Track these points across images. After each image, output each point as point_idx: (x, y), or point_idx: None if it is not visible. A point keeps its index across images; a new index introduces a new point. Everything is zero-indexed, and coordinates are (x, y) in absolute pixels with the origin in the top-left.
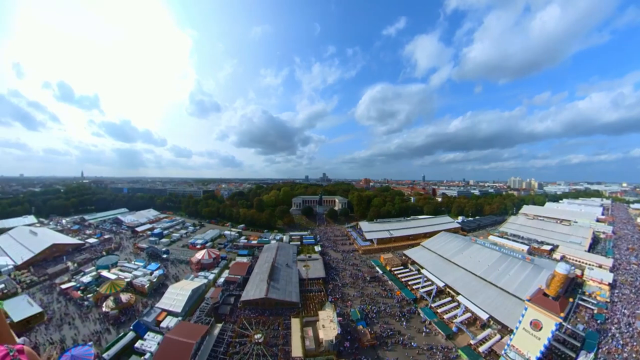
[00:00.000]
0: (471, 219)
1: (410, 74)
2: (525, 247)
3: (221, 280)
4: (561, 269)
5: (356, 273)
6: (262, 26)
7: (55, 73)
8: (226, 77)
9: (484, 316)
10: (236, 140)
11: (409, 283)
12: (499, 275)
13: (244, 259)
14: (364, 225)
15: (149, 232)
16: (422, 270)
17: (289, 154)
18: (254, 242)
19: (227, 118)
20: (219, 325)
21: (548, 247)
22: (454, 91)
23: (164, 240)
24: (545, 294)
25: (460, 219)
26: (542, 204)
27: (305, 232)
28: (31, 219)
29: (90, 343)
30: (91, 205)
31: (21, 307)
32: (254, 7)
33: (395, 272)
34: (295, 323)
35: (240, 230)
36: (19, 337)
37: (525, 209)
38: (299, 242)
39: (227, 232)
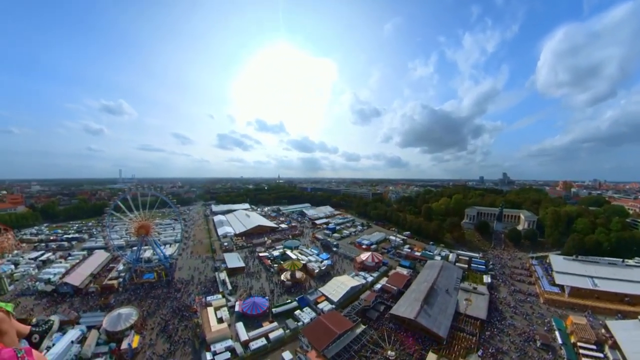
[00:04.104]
0: None
1: None
2: None
3: (378, 286)
4: None
5: (526, 328)
6: (391, 20)
7: (253, 114)
8: (377, 82)
9: None
10: (400, 140)
11: None
12: None
13: (404, 271)
14: (555, 260)
15: (324, 226)
16: None
17: (458, 150)
18: (418, 253)
19: (388, 120)
20: (363, 327)
21: None
22: None
23: (335, 234)
24: None
25: None
26: None
27: (476, 254)
28: (246, 205)
29: (267, 297)
30: (284, 199)
31: (234, 260)
32: (374, 8)
33: (582, 351)
34: (431, 358)
35: (405, 237)
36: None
37: None
38: (466, 265)
39: (392, 237)
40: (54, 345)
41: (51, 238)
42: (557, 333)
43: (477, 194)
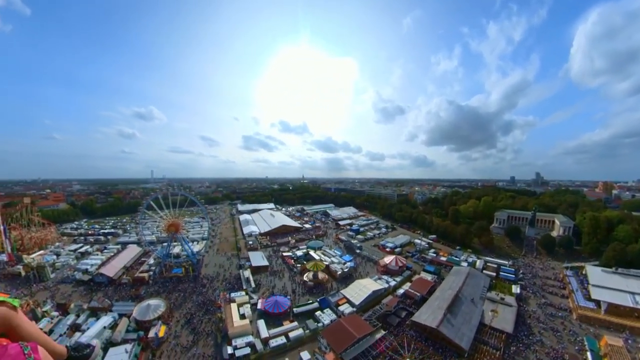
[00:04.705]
0: None
1: None
2: None
3: (401, 291)
4: None
5: (555, 346)
6: (410, 14)
7: (277, 116)
8: (400, 79)
9: None
10: (425, 139)
11: None
12: None
13: (429, 277)
14: (592, 272)
15: (348, 227)
16: None
17: (487, 148)
18: (443, 258)
19: (413, 118)
20: (382, 332)
21: None
22: None
23: (359, 236)
24: None
25: None
26: None
27: (505, 262)
28: (271, 205)
29: (289, 297)
30: (309, 199)
31: (258, 259)
32: (391, 3)
33: None
34: None
35: (430, 241)
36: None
37: None
38: (494, 273)
39: (417, 241)
40: (88, 329)
41: (89, 232)
42: (588, 354)
43: (507, 196)
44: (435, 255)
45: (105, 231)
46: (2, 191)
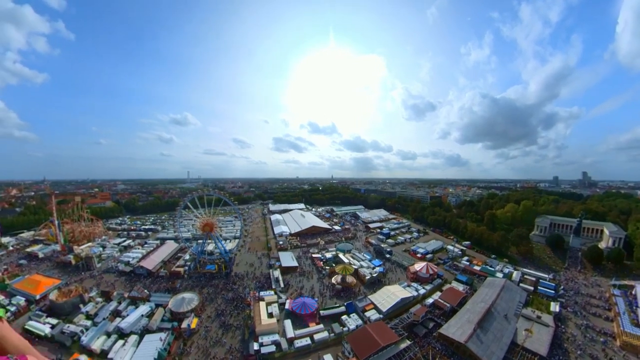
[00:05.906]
0: None
1: None
2: None
3: (430, 300)
4: None
5: None
6: (434, 3)
7: (306, 117)
8: (429, 73)
9: None
10: (459, 136)
11: None
12: None
13: (460, 287)
14: None
15: (378, 230)
16: None
17: (526, 145)
18: (477, 267)
19: (445, 114)
20: (408, 342)
21: None
22: None
23: (389, 240)
24: None
25: None
26: None
27: (545, 275)
28: (302, 205)
29: (316, 299)
30: (338, 200)
31: (287, 259)
32: None
33: None
34: None
35: (464, 247)
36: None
37: None
38: (531, 288)
39: (450, 247)
40: (128, 315)
41: (131, 228)
42: None
43: (550, 200)
44: (468, 263)
45: (146, 227)
46: (57, 190)
